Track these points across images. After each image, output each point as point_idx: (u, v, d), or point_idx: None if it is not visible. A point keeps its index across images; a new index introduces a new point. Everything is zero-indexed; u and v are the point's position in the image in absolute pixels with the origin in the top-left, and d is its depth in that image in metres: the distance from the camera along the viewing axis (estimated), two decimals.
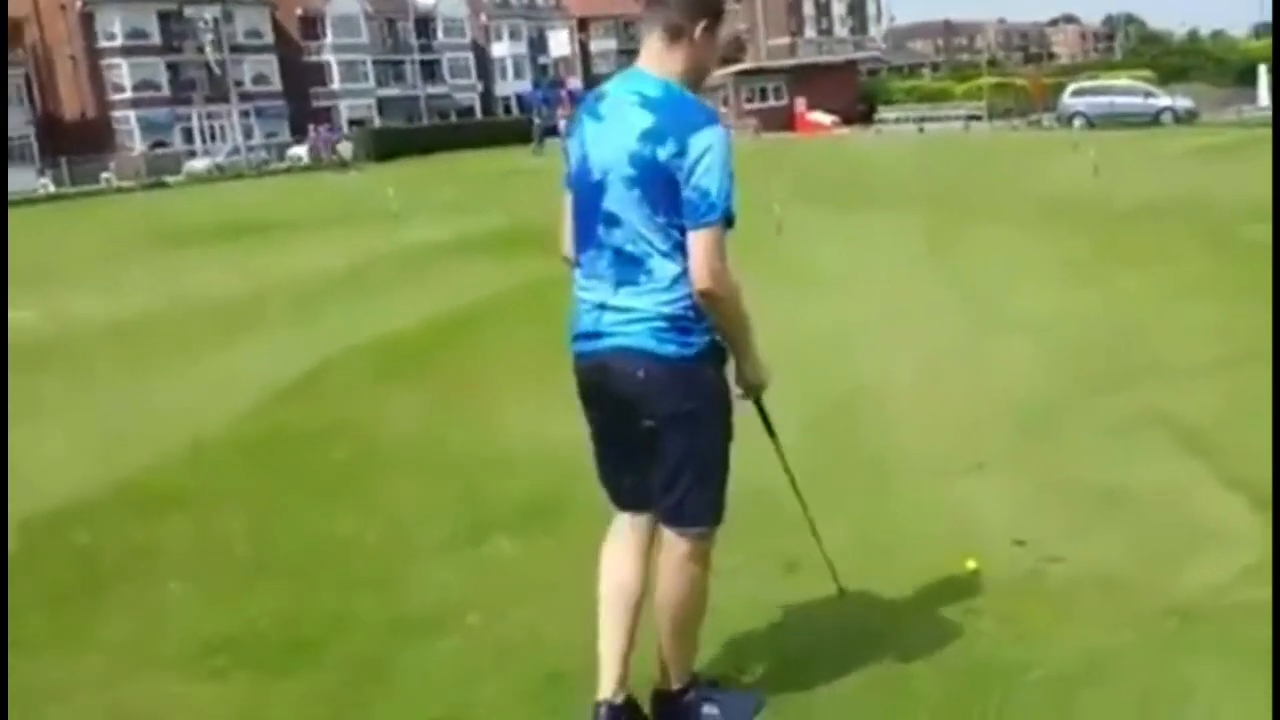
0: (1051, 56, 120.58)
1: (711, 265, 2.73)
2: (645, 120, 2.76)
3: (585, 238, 2.91)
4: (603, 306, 2.87)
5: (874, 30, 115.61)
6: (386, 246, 15.35)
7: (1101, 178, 18.33)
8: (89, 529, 4.95)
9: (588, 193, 2.88)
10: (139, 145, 62.42)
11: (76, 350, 9.43)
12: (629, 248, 2.82)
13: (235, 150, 53.75)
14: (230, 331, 9.75)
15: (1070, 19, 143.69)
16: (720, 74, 49.66)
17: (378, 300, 11.01)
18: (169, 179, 47.30)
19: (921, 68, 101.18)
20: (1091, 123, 37.19)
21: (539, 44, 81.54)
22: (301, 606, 4.03)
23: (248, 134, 58.41)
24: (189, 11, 63.62)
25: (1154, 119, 37.31)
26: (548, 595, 3.94)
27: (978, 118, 45.65)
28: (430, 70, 79.95)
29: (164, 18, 65.88)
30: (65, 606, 4.14)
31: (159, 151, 60.31)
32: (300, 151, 53.79)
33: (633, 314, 2.82)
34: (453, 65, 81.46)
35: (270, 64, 70.70)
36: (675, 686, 3.06)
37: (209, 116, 62.56)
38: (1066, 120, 38.95)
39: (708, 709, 3.06)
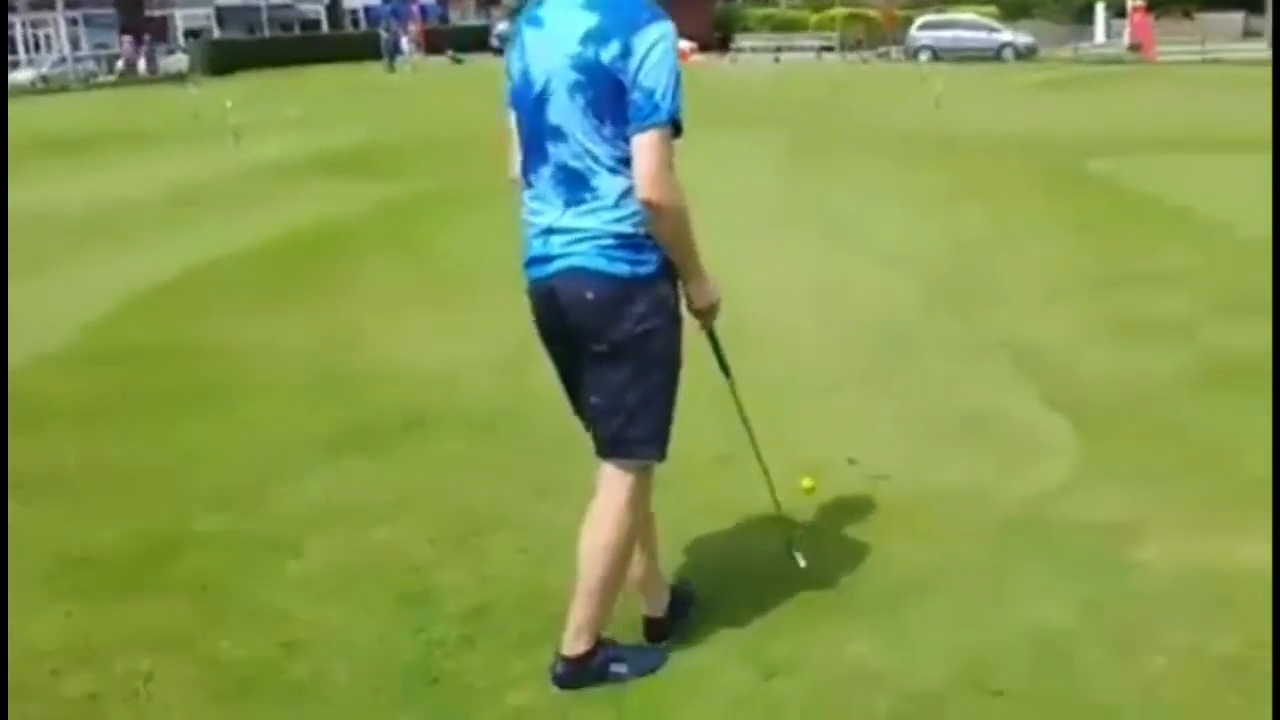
0: None
1: (656, 171, 2.58)
2: (587, 21, 2.61)
3: (531, 157, 2.76)
4: (550, 230, 2.73)
5: None
6: (229, 164, 14.79)
7: (944, 111, 18.85)
8: None
9: (531, 107, 2.72)
10: None
11: None
12: (574, 163, 2.67)
13: (62, 60, 50.68)
14: (73, 247, 9.34)
15: None
16: None
17: (222, 219, 10.63)
18: None
19: None
20: (938, 56, 38.06)
21: None
22: (148, 527, 3.95)
23: (75, 44, 55.05)
24: None
25: (996, 53, 38.41)
26: (403, 511, 3.96)
27: (830, 48, 46.13)
28: None
29: None
30: None
31: None
32: (140, 65, 51.12)
33: (580, 233, 2.68)
34: None
35: None
36: (583, 648, 2.88)
37: (33, 25, 58.63)
38: (914, 53, 39.77)
39: (615, 667, 2.93)
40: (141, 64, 49.96)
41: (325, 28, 74.17)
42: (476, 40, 58.84)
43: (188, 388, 5.50)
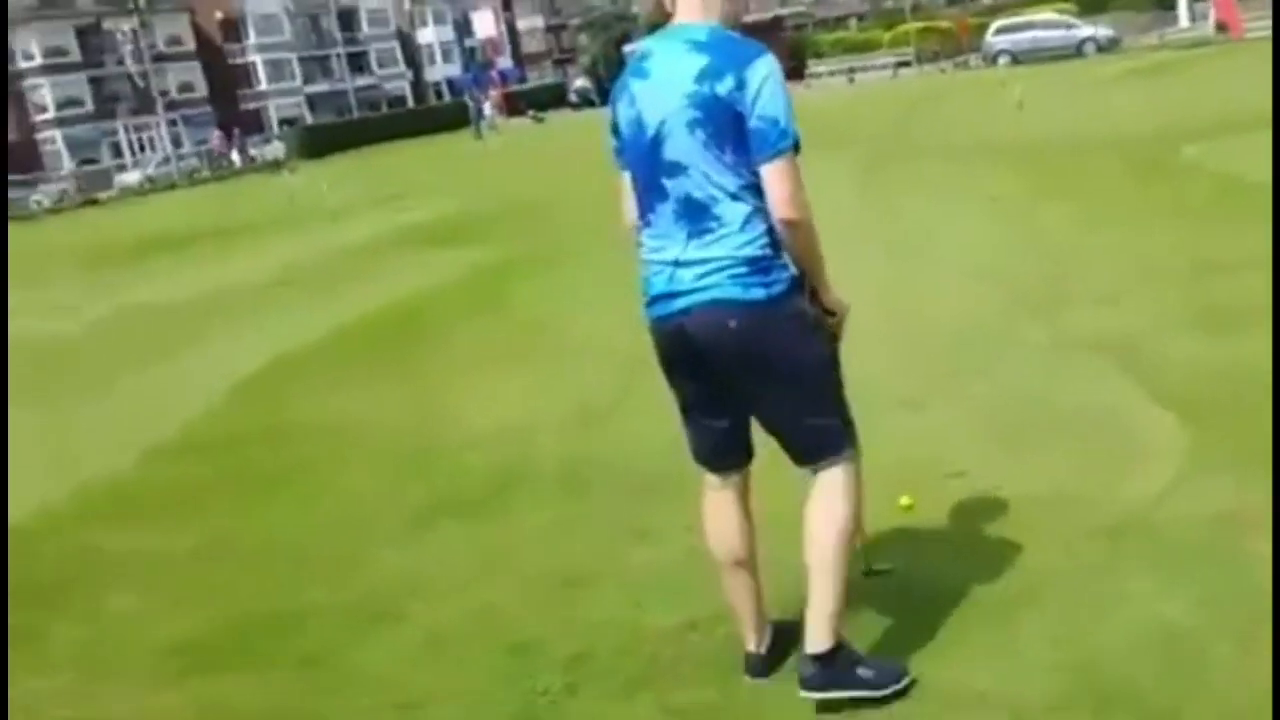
0: None
1: (794, 193, 2.70)
2: (699, 62, 2.73)
3: (649, 197, 2.84)
4: (676, 263, 2.79)
5: None
6: (325, 245, 15.24)
7: (1026, 112, 18.53)
8: (49, 540, 4.99)
9: (646, 150, 2.81)
10: (67, 164, 61.28)
11: (22, 372, 9.31)
12: (696, 194, 2.75)
13: (165, 160, 52.90)
14: (175, 341, 9.67)
15: None
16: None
17: (319, 299, 10.91)
18: (101, 195, 46.51)
19: (848, 19, 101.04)
20: (1017, 59, 37.44)
21: (465, 26, 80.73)
22: (253, 605, 4.04)
23: (176, 143, 57.44)
24: (107, 24, 62.36)
25: (1077, 50, 37.67)
26: (498, 571, 4.00)
27: (907, 64, 45.79)
28: (358, 62, 79.05)
29: (81, 33, 64.62)
30: (25, 617, 4.10)
31: (88, 169, 59.27)
32: (234, 156, 53.23)
33: (710, 264, 2.75)
34: (380, 55, 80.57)
35: (194, 70, 69.52)
36: (828, 645, 2.87)
37: (136, 129, 61.66)
38: (992, 59, 39.21)
39: (862, 670, 2.90)
40: (235, 155, 51.92)
41: (411, 102, 76.33)
42: (554, 98, 59.99)
43: (285, 468, 5.62)
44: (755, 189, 2.74)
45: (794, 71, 54.24)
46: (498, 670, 3.34)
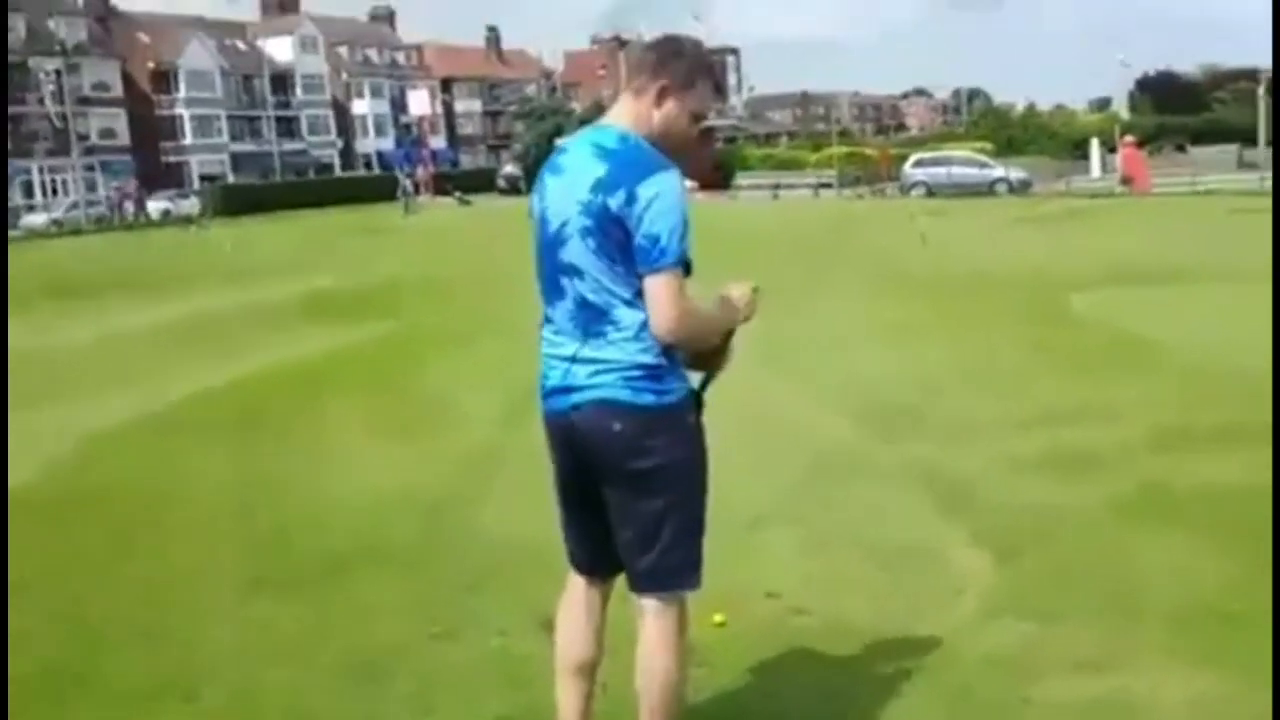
0: (903, 128, 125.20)
1: (668, 313, 2.69)
2: (599, 170, 2.74)
3: (550, 291, 2.85)
4: (573, 359, 2.79)
5: (734, 99, 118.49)
6: (218, 305, 15.04)
7: (931, 247, 19.10)
8: None
9: (549, 245, 2.83)
10: None
11: None
12: (592, 297, 2.76)
13: (74, 205, 52.00)
14: (36, 394, 9.39)
15: (921, 92, 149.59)
16: None
17: (202, 360, 10.73)
18: None
19: (779, 136, 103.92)
20: (932, 191, 38.81)
21: (401, 103, 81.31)
22: (41, 666, 3.90)
23: (91, 187, 56.56)
24: (31, 63, 61.56)
25: (990, 188, 39.15)
26: (295, 660, 3.91)
27: (828, 185, 47.04)
28: (288, 126, 78.88)
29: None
30: None
31: None
32: (155, 206, 52.51)
33: (604, 364, 2.75)
34: (311, 122, 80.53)
35: (119, 118, 68.65)
36: None
37: (50, 170, 60.53)
38: (908, 189, 40.57)
39: None
40: (129, 207, 51.03)
41: (339, 171, 76.15)
42: (485, 181, 60.39)
43: (122, 534, 5.48)
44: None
45: (721, 183, 55.55)
46: None
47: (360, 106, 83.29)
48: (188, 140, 71.85)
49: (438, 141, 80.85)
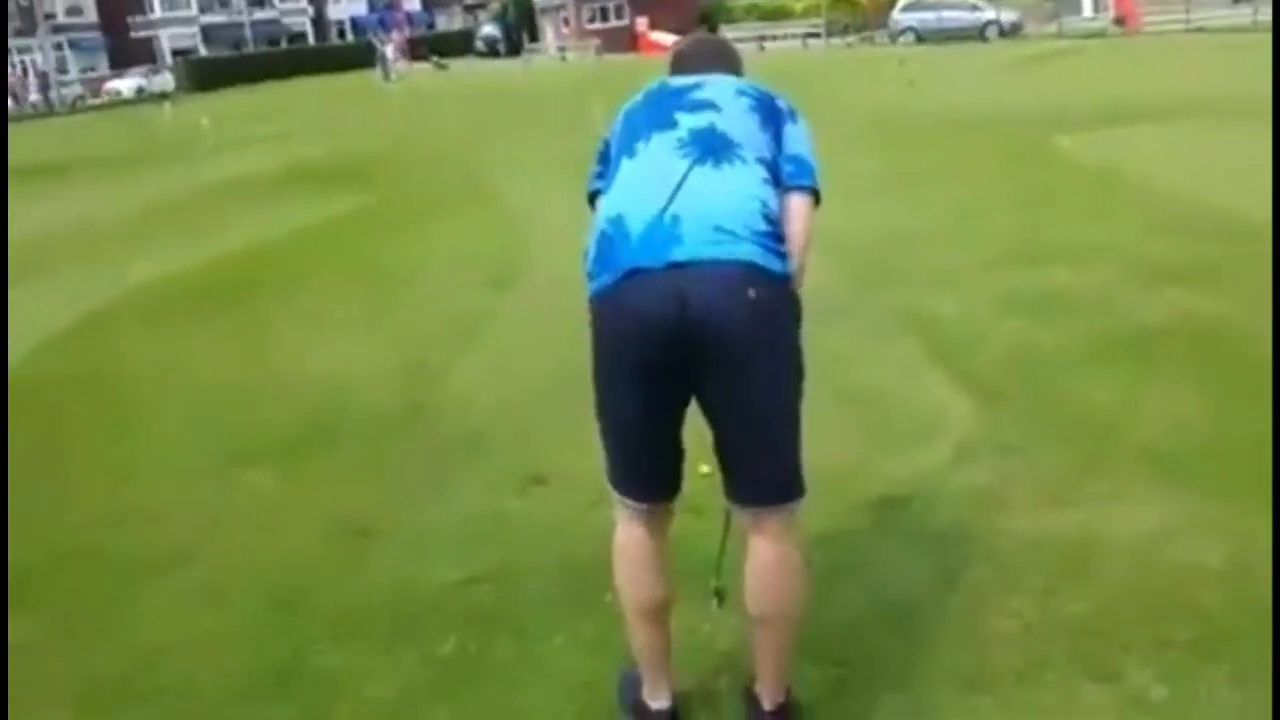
0: None
1: (809, 230, 2.40)
2: (738, 83, 2.59)
3: (635, 140, 2.44)
4: (671, 199, 2.25)
5: None
6: (194, 182, 14.87)
7: (919, 91, 18.85)
8: None
9: (670, 96, 2.53)
10: None
11: None
12: (722, 127, 2.36)
13: (45, 85, 50.90)
14: (20, 271, 9.37)
15: None
16: None
17: (178, 240, 10.63)
18: None
19: None
20: (921, 37, 38.02)
21: None
22: (41, 546, 3.96)
23: (61, 68, 55.28)
24: None
25: (980, 32, 38.31)
26: (290, 523, 4.00)
27: (816, 35, 46.05)
28: None
29: None
30: None
31: None
32: (119, 85, 51.34)
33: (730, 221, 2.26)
34: None
35: None
36: (784, 699, 2.57)
37: (18, 51, 58.98)
38: (897, 35, 39.71)
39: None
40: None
41: (311, 40, 74.33)
42: (462, 44, 58.96)
43: (107, 415, 5.53)
44: (776, 182, 2.41)
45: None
46: (269, 618, 3.36)
47: None
48: (156, 14, 69.79)
49: (412, 3, 78.71)
